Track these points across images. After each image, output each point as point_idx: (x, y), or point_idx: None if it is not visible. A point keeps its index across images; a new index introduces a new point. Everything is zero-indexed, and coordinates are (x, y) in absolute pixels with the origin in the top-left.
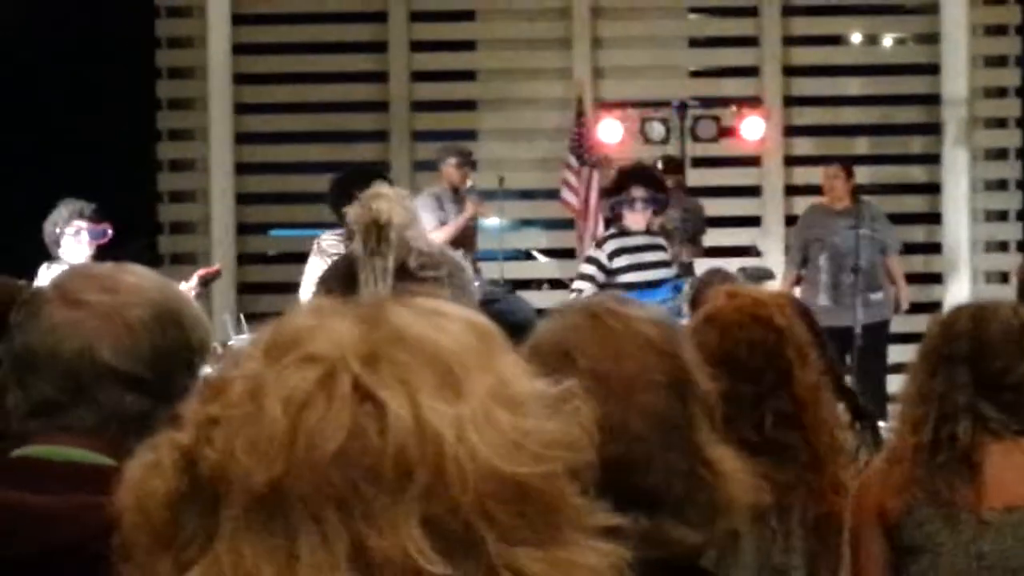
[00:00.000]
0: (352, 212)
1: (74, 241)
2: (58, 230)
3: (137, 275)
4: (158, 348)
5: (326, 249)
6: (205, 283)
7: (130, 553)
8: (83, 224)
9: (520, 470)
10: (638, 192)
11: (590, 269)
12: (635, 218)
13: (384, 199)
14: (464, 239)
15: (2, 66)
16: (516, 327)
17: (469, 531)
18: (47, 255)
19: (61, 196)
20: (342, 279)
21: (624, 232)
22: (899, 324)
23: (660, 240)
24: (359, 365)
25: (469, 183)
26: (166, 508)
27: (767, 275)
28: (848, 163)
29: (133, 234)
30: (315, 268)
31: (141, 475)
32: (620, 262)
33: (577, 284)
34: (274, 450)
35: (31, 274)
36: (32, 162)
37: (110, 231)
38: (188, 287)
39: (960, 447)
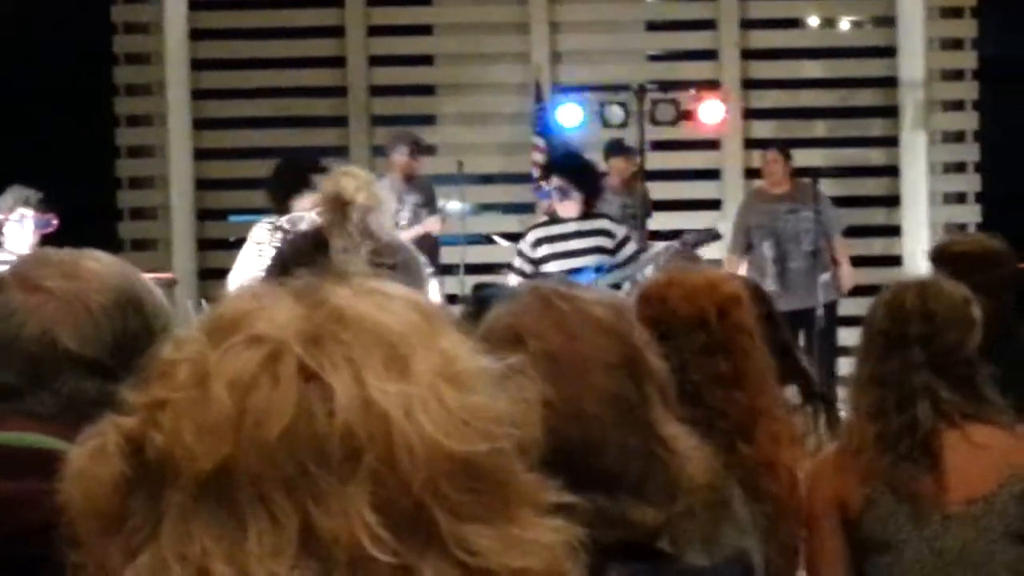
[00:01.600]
0: (320, 186)
1: (18, 228)
2: (2, 217)
3: (98, 261)
4: (119, 334)
5: (254, 237)
6: None
7: (79, 539)
8: (28, 212)
9: (469, 448)
10: (556, 181)
11: (517, 261)
12: (562, 207)
13: (352, 177)
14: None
15: None
16: None
17: (420, 510)
18: None
19: (17, 183)
20: (309, 251)
21: (554, 220)
22: (854, 307)
23: (602, 224)
24: (303, 345)
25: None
26: (113, 493)
27: (713, 236)
28: (788, 146)
29: (92, 221)
30: (245, 256)
31: (86, 461)
32: (542, 251)
33: (508, 277)
34: (220, 432)
35: None
36: None
37: (55, 221)
38: None
39: (921, 434)
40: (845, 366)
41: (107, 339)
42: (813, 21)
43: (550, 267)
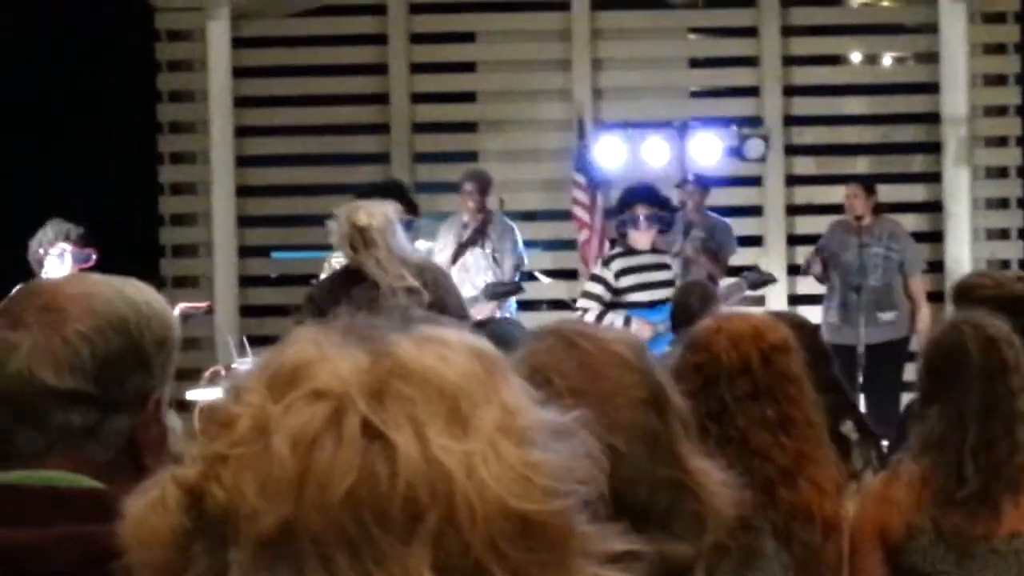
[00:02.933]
0: (332, 225)
1: (57, 263)
2: (42, 250)
3: (84, 284)
4: (100, 358)
5: (334, 266)
6: (185, 318)
7: None
8: (67, 247)
9: (529, 505)
10: (642, 210)
11: (597, 288)
12: (640, 237)
13: (360, 208)
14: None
15: (5, 86)
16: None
17: (479, 568)
18: (28, 275)
19: (60, 217)
20: (334, 292)
21: (630, 251)
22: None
23: (665, 259)
24: (366, 401)
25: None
26: (172, 546)
27: (769, 279)
28: (872, 180)
29: (134, 257)
30: None
31: (145, 512)
32: (627, 281)
33: (582, 303)
34: (283, 491)
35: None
36: (33, 184)
37: (94, 256)
38: None
39: (991, 472)
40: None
41: (87, 366)
42: (855, 57)
43: (635, 297)
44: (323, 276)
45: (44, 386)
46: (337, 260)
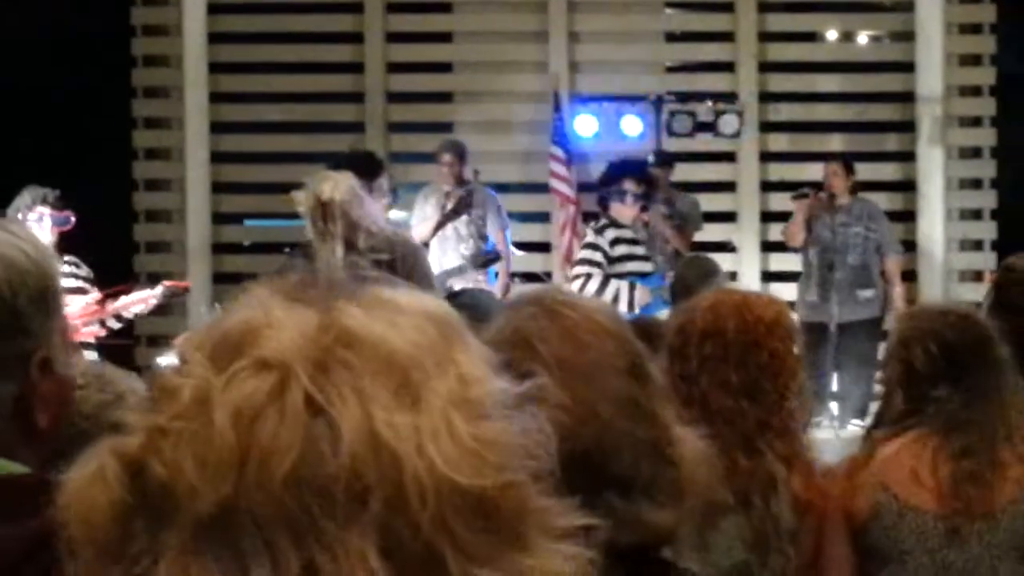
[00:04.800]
0: (299, 198)
1: (37, 228)
2: (20, 215)
3: None
4: None
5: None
6: (169, 296)
7: (78, 565)
8: (46, 210)
9: (483, 483)
10: (629, 185)
11: (595, 255)
12: (624, 211)
13: (327, 180)
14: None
15: None
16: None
17: (429, 551)
18: None
19: (33, 183)
20: (297, 263)
21: (616, 224)
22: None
23: (642, 235)
24: (311, 373)
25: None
26: (112, 520)
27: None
28: (851, 159)
29: (107, 223)
30: None
31: (84, 485)
32: (620, 250)
33: (581, 269)
34: (223, 469)
35: None
36: (5, 150)
37: (73, 218)
38: (152, 294)
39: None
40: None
41: None
42: (831, 35)
43: (628, 267)
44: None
45: None
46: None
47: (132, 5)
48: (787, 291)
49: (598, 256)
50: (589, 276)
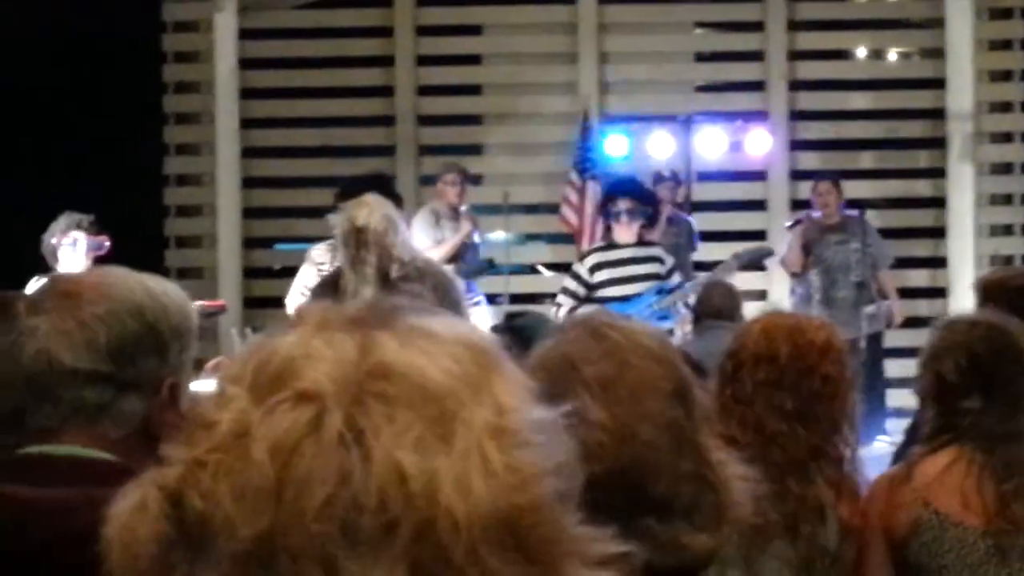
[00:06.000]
0: (335, 221)
1: (71, 252)
2: (55, 241)
3: (102, 275)
4: (115, 340)
5: (314, 258)
6: (207, 316)
7: None
8: (80, 235)
9: (515, 513)
10: (623, 204)
11: (572, 284)
12: (621, 231)
13: (363, 206)
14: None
15: (11, 78)
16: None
17: None
18: (45, 267)
19: (68, 209)
20: (328, 289)
21: (611, 245)
22: (901, 339)
23: (655, 251)
24: (347, 405)
25: (463, 207)
26: (153, 552)
27: (766, 253)
28: (838, 178)
29: (139, 248)
30: (303, 277)
31: (126, 515)
32: (600, 276)
33: (559, 299)
34: (261, 502)
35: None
36: (39, 176)
37: (107, 243)
38: None
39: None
40: (897, 398)
41: (102, 347)
42: (861, 52)
43: (608, 292)
44: (301, 268)
45: (60, 365)
46: (317, 253)
47: (163, 32)
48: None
49: (573, 284)
50: (560, 306)
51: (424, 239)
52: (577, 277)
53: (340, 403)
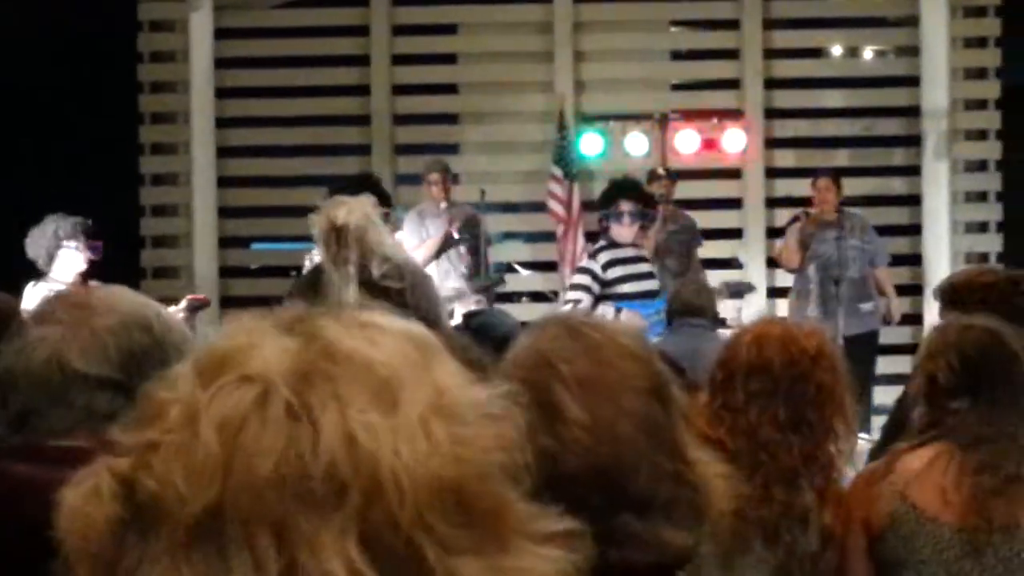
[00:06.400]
0: (314, 221)
1: (72, 256)
2: (62, 245)
3: (109, 291)
4: (124, 351)
5: (314, 259)
6: (193, 309)
7: None
8: (82, 240)
9: (457, 480)
10: (626, 206)
11: (585, 279)
12: (622, 231)
13: (342, 205)
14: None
15: None
16: (500, 340)
17: (408, 545)
18: (29, 272)
19: (43, 211)
20: (307, 289)
21: (613, 244)
22: (885, 335)
23: (644, 252)
24: (292, 384)
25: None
26: (107, 535)
27: (748, 288)
28: (839, 173)
29: (114, 249)
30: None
31: (80, 502)
32: (614, 273)
33: (572, 295)
34: (209, 475)
35: (12, 293)
36: (12, 176)
37: (100, 246)
38: (176, 310)
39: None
40: (880, 395)
41: (112, 356)
42: (836, 50)
43: (623, 288)
44: (304, 270)
45: (72, 370)
46: (318, 254)
47: (139, 31)
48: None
49: (587, 280)
50: (578, 301)
51: (411, 239)
52: (590, 273)
53: (285, 383)
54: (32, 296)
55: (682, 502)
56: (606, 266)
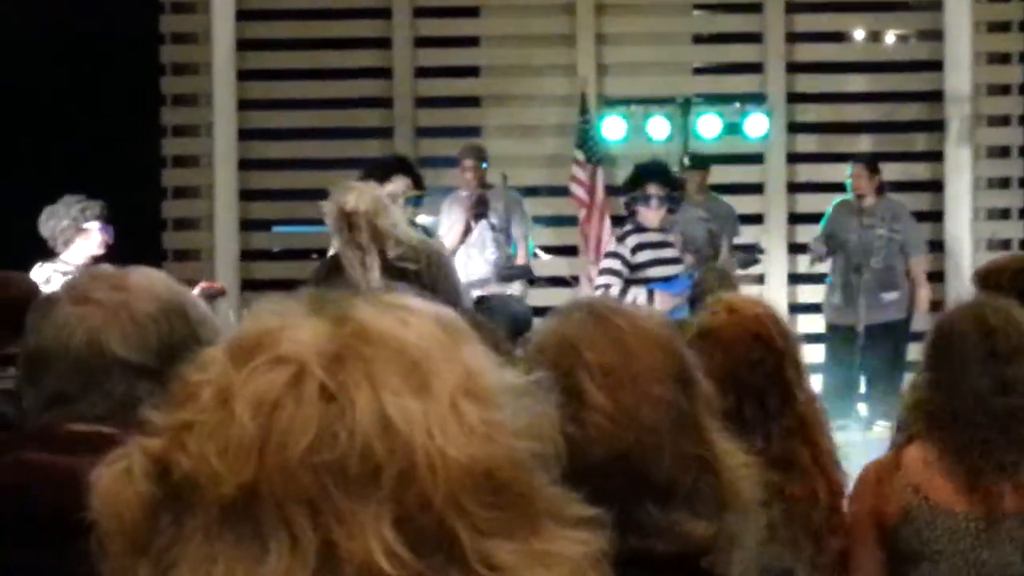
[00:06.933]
0: (324, 207)
1: (88, 238)
2: (80, 226)
3: (144, 275)
4: (164, 339)
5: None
6: (207, 297)
7: (107, 557)
8: (100, 224)
9: (490, 462)
10: (654, 189)
11: (615, 264)
12: (649, 215)
13: (351, 190)
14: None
15: (4, 61)
16: (512, 324)
17: (441, 526)
18: (42, 252)
19: (65, 192)
20: (326, 273)
21: (640, 228)
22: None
23: (671, 237)
24: (326, 364)
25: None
26: (140, 515)
27: (757, 251)
28: (876, 159)
29: (136, 231)
30: None
31: (113, 482)
32: (643, 257)
33: (602, 280)
34: (244, 455)
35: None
36: (35, 158)
37: (112, 232)
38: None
39: (974, 450)
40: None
41: (152, 343)
42: (859, 35)
43: (652, 272)
44: (330, 253)
45: (112, 355)
46: None
47: (161, 12)
48: (815, 293)
49: (618, 264)
50: (609, 286)
51: (443, 223)
52: (620, 257)
53: (318, 363)
54: (40, 277)
55: (705, 492)
56: (635, 250)
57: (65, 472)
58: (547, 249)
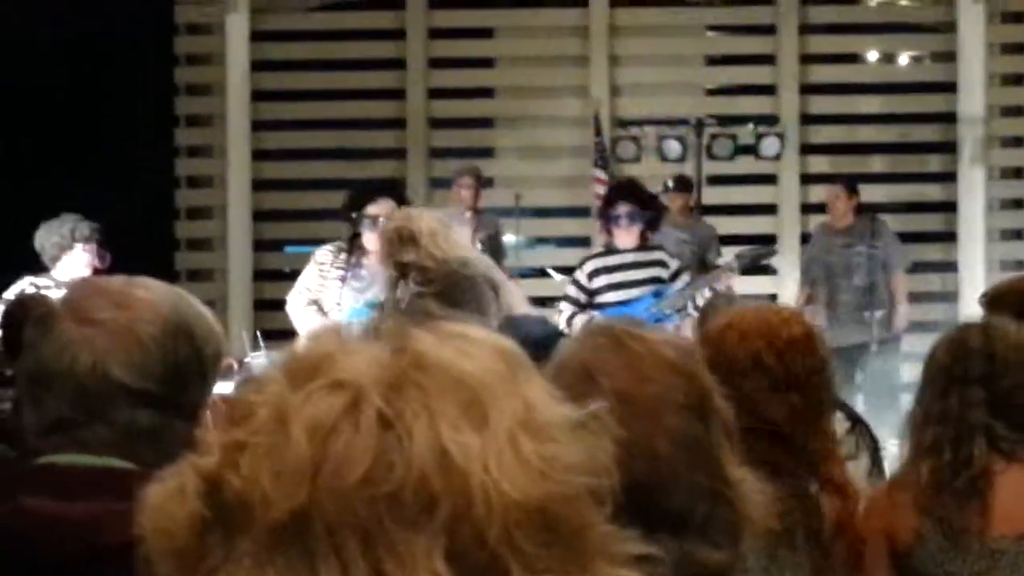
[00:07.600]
0: (384, 229)
1: (80, 258)
2: (74, 245)
3: (149, 289)
4: (170, 363)
5: (317, 258)
6: None
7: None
8: (88, 246)
9: (545, 499)
10: (623, 208)
11: (571, 290)
12: (621, 235)
13: (410, 213)
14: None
15: (20, 83)
16: (536, 344)
17: (494, 561)
18: (34, 267)
19: (78, 213)
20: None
21: (610, 251)
22: (912, 343)
23: (657, 255)
24: (384, 392)
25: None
26: (189, 533)
27: (768, 254)
28: (854, 181)
29: (149, 250)
30: (306, 277)
31: (164, 500)
32: (598, 282)
33: (561, 305)
34: (298, 478)
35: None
36: (49, 177)
37: (108, 258)
38: None
39: (975, 470)
40: (906, 402)
41: (158, 369)
42: (872, 56)
43: (606, 297)
44: (305, 269)
45: (117, 383)
46: (321, 254)
47: (175, 34)
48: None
49: (572, 291)
50: (562, 312)
51: None
52: (576, 283)
53: (376, 390)
54: (20, 287)
55: (720, 520)
56: (591, 275)
57: (68, 522)
58: (559, 270)
